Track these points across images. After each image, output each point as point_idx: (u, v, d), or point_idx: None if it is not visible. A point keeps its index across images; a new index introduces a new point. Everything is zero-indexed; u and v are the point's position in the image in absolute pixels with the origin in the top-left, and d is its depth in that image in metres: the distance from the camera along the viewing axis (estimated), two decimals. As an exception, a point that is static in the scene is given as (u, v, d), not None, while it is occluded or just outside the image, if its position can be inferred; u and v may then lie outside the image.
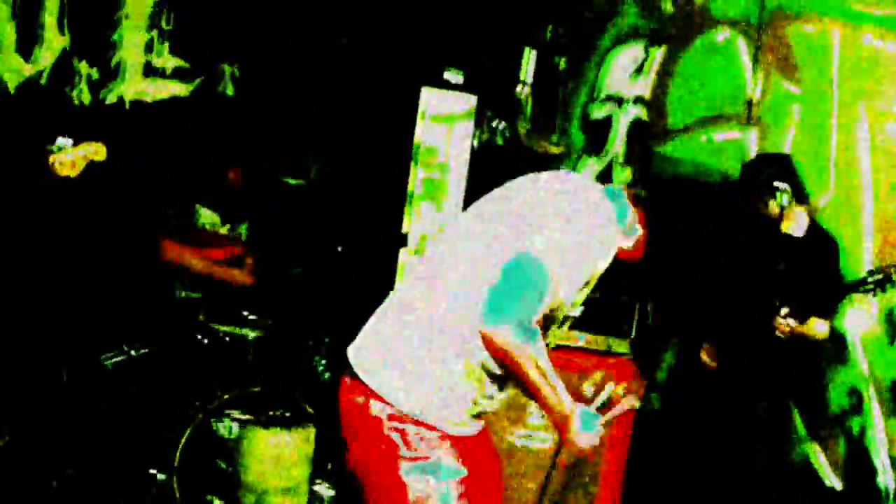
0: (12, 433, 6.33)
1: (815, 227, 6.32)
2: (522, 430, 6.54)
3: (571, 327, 6.79)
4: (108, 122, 7.93)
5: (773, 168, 6.25)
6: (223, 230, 7.40)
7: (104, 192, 6.62)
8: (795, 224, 6.25)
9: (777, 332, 6.08)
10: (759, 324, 6.17)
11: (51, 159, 5.74)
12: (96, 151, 5.85)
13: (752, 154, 7.11)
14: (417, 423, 3.68)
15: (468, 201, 7.57)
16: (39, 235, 6.86)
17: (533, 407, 6.43)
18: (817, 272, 6.21)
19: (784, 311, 6.06)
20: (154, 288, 6.98)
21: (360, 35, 7.97)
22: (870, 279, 6.04)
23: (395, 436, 3.69)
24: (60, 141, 5.86)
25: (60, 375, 6.81)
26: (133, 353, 6.54)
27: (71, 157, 5.77)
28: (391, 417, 3.69)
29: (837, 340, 6.61)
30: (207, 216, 7.29)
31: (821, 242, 6.31)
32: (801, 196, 6.22)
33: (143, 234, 7.27)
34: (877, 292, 6.06)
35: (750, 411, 6.29)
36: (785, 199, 6.11)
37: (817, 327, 6.13)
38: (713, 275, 6.46)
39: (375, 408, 3.72)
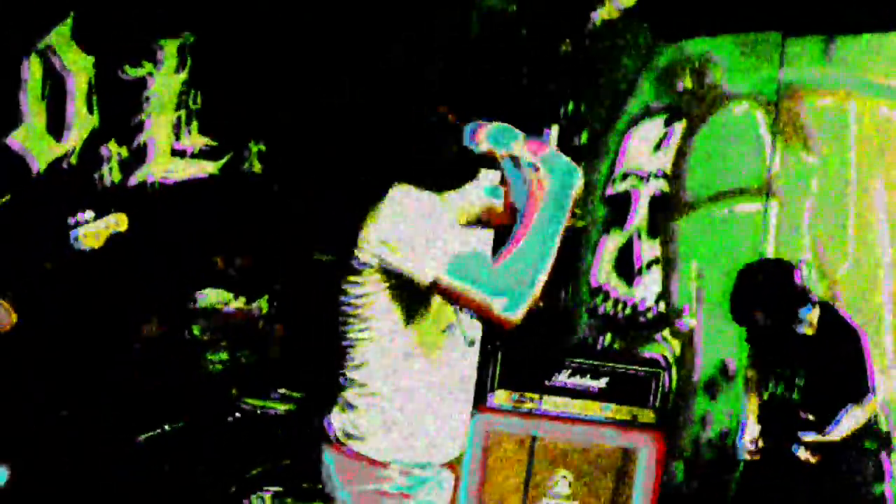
0: (46, 508, 6.39)
1: (830, 319, 6.15)
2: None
3: (596, 398, 6.90)
4: (137, 201, 8.02)
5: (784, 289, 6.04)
6: (236, 304, 7.47)
7: (130, 267, 6.72)
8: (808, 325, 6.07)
9: (800, 455, 5.95)
10: (786, 432, 6.09)
11: (78, 231, 5.84)
12: (118, 223, 5.95)
13: (773, 224, 7.17)
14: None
15: (492, 274, 7.68)
16: (68, 310, 6.95)
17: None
18: (837, 366, 6.04)
19: (806, 438, 5.90)
20: (185, 362, 7.06)
21: (387, 112, 8.07)
22: None
23: None
24: (83, 214, 5.96)
25: (94, 451, 6.88)
26: (166, 428, 6.60)
27: (94, 228, 5.87)
28: None
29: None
30: (214, 296, 7.36)
31: (835, 334, 6.10)
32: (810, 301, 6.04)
33: (172, 309, 7.37)
34: None
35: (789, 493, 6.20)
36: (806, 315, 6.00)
37: (841, 428, 6.02)
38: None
39: None
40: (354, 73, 8.12)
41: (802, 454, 5.89)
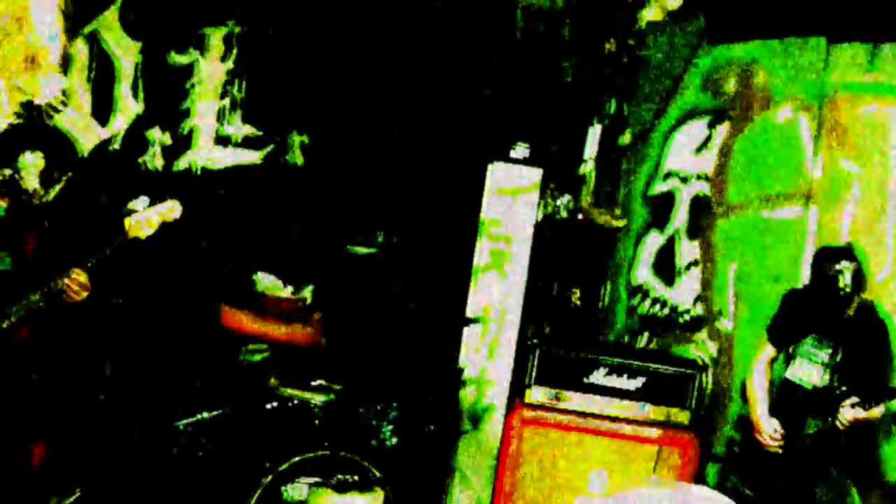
0: (84, 492, 6.43)
1: (865, 309, 6.38)
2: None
3: (632, 398, 6.94)
4: (180, 187, 8.05)
5: (840, 256, 6.29)
6: (284, 293, 7.51)
7: (176, 256, 6.76)
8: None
9: (839, 423, 6.05)
10: (819, 408, 6.20)
11: (126, 221, 5.87)
12: (171, 209, 5.99)
13: (812, 230, 7.19)
14: None
15: (532, 272, 7.73)
16: (116, 297, 7.00)
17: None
18: (870, 353, 6.27)
19: (850, 401, 6.04)
20: (224, 352, 7.10)
21: (430, 108, 8.09)
22: None
23: None
24: (136, 201, 6.00)
25: (132, 436, 6.94)
26: (205, 415, 6.64)
27: (147, 216, 5.91)
28: None
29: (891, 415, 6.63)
30: (267, 282, 7.40)
31: (871, 324, 6.36)
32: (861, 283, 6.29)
33: (212, 299, 7.41)
34: None
35: (810, 493, 6.30)
36: (848, 278, 6.17)
37: (875, 410, 6.12)
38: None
39: None
40: (399, 68, 8.14)
41: (848, 415, 5.98)
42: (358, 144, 8.08)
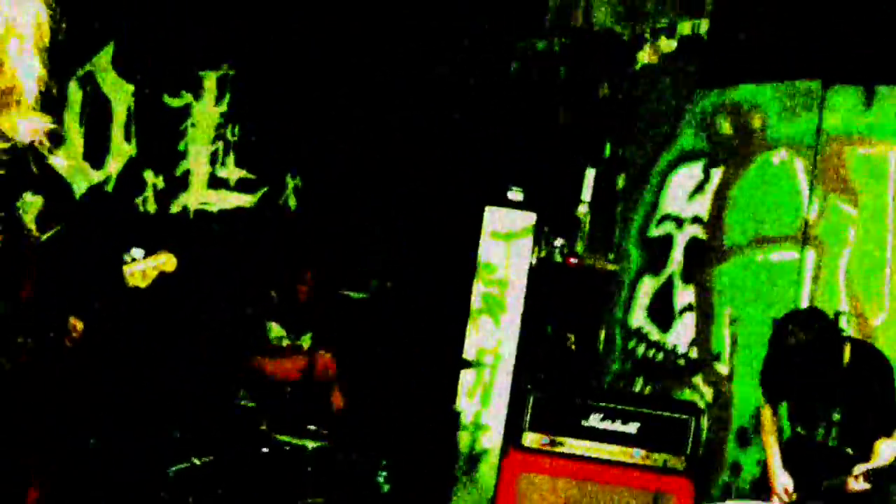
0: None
1: (862, 354, 6.16)
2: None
3: (627, 443, 6.89)
4: (175, 230, 8.04)
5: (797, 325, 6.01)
6: (287, 342, 7.49)
7: (172, 302, 6.73)
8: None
9: (850, 487, 5.88)
10: (828, 466, 6.05)
11: (124, 270, 5.84)
12: (167, 262, 5.95)
13: (809, 273, 7.16)
14: None
15: (527, 316, 7.71)
16: (108, 343, 6.96)
17: None
18: (874, 405, 6.08)
19: (859, 470, 5.84)
20: (217, 397, 7.06)
21: (425, 152, 8.10)
22: None
23: None
24: (133, 252, 5.97)
25: (125, 482, 6.89)
26: (196, 461, 6.60)
27: (143, 267, 5.88)
28: None
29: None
30: (276, 330, 7.38)
31: (872, 371, 6.15)
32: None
33: (208, 344, 7.38)
34: None
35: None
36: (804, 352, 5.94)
37: (883, 457, 5.92)
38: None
39: None
40: (394, 111, 8.14)
41: (858, 485, 5.83)
42: (353, 188, 8.07)
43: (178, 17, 7.99)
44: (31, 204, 6.31)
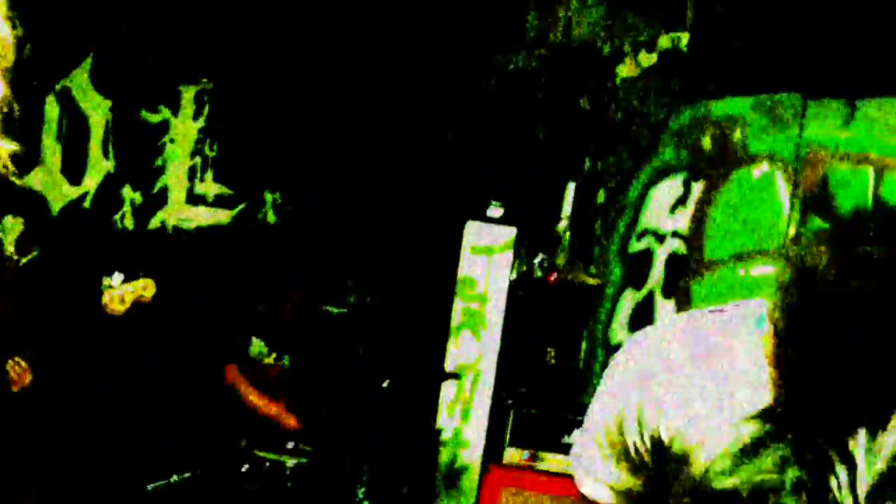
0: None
1: None
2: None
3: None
4: (152, 247, 8.00)
5: None
6: (269, 360, 7.44)
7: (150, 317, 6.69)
8: None
9: None
10: None
11: (103, 297, 5.81)
12: (146, 288, 5.93)
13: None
14: None
15: (506, 332, 7.66)
16: (80, 355, 6.92)
17: None
18: None
19: None
20: (196, 413, 7.02)
21: (404, 167, 8.07)
22: None
23: None
24: (112, 277, 5.94)
25: (103, 499, 6.84)
26: (174, 478, 6.55)
27: (121, 293, 5.85)
28: None
29: None
30: (258, 345, 7.33)
31: None
32: None
33: (189, 363, 7.34)
34: None
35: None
36: None
37: None
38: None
39: None
40: (372, 126, 8.11)
41: None
42: (332, 202, 8.05)
43: (156, 32, 7.96)
44: (11, 227, 6.25)
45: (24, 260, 7.06)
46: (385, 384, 6.94)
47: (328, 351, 7.27)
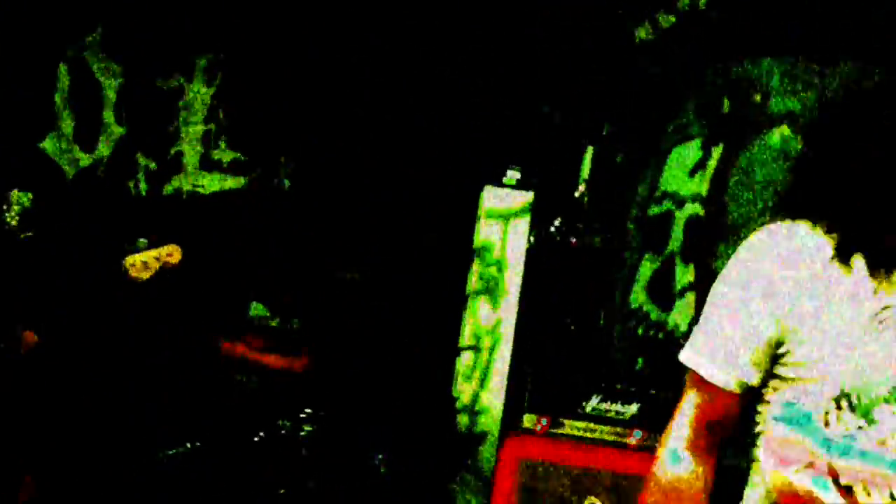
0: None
1: None
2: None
3: (628, 424, 6.81)
4: (166, 213, 7.99)
5: None
6: (273, 323, 7.42)
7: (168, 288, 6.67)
8: None
9: None
10: None
11: (126, 261, 5.76)
12: (171, 254, 5.87)
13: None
14: None
15: (524, 297, 7.62)
16: (103, 330, 6.92)
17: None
18: None
19: None
20: (210, 381, 7.00)
21: (421, 131, 8.02)
22: None
23: None
24: (138, 242, 5.90)
25: (116, 465, 6.83)
26: (188, 445, 6.55)
27: (145, 259, 5.80)
28: None
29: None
30: (257, 307, 7.31)
31: None
32: None
33: (202, 327, 7.32)
34: None
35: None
36: None
37: None
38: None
39: None
40: (389, 91, 8.06)
41: None
42: (347, 168, 8.00)
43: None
44: (14, 200, 6.21)
45: (22, 236, 7.02)
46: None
47: (343, 317, 7.24)
